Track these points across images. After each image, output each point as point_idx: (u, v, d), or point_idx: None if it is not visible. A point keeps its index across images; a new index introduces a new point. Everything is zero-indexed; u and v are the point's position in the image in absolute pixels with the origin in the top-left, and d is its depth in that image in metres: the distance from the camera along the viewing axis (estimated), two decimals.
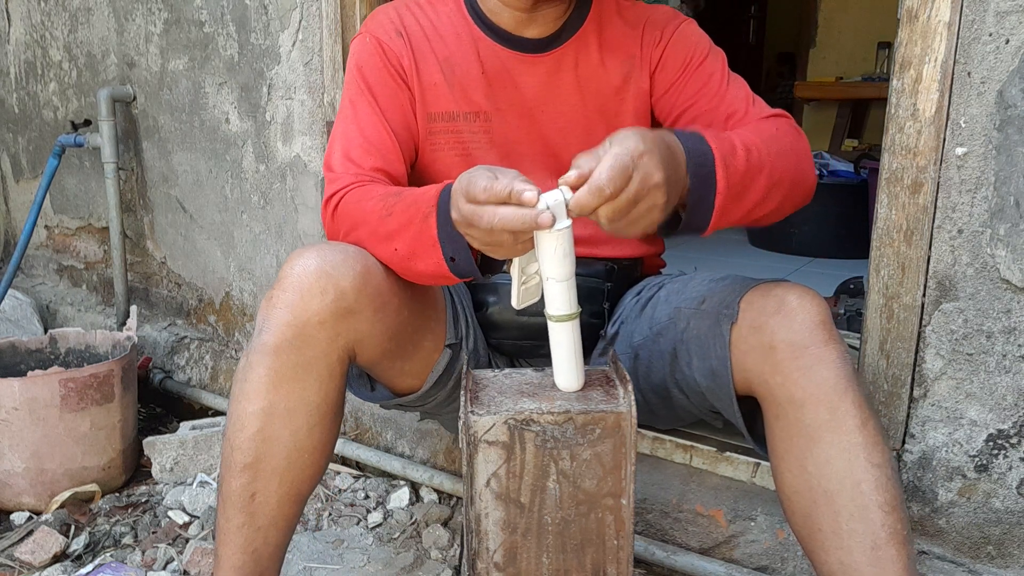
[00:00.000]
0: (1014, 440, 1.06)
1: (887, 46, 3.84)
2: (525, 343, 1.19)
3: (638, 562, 1.27)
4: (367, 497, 1.58)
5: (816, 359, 0.87)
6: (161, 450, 1.66)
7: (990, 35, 0.99)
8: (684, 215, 0.87)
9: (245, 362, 0.93)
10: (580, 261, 1.14)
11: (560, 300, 0.82)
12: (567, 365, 0.87)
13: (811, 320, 0.88)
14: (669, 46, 1.11)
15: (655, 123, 1.17)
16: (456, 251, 0.87)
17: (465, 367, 0.94)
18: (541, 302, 0.85)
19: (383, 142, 1.06)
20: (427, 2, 1.13)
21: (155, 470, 1.66)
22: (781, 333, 0.89)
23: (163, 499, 1.59)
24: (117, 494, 1.63)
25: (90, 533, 1.46)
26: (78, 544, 1.43)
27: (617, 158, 0.74)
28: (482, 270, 0.90)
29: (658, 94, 1.13)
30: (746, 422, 0.99)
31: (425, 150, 1.12)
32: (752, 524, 1.24)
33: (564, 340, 0.85)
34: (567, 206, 0.75)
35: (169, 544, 1.43)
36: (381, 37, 1.09)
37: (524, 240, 0.78)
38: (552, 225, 0.74)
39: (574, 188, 0.75)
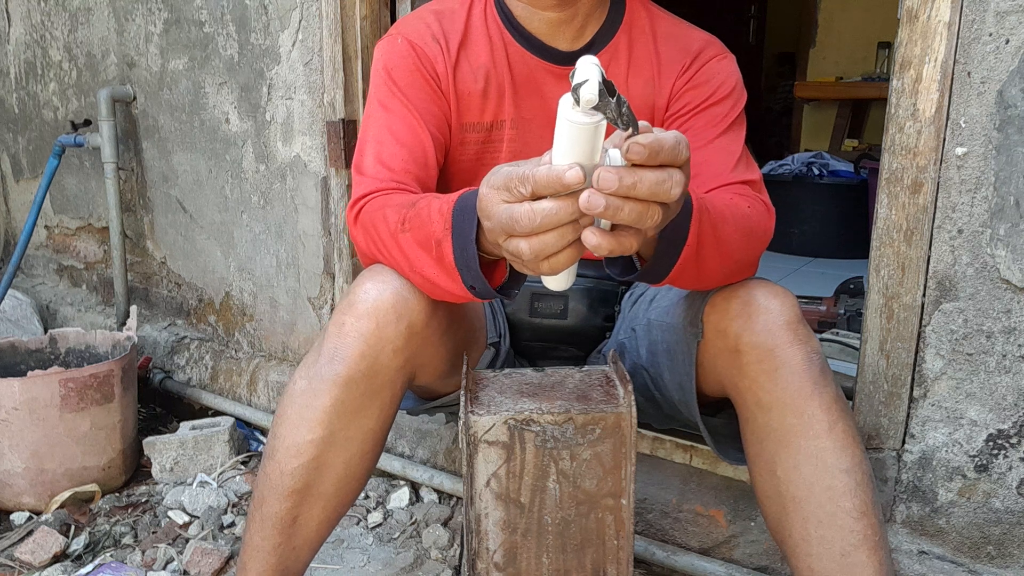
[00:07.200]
0: (1014, 440, 1.06)
1: (887, 46, 3.84)
2: (536, 344, 1.19)
3: (638, 562, 1.27)
4: (367, 497, 1.58)
5: (781, 362, 0.84)
6: (161, 450, 1.66)
7: (990, 35, 0.99)
8: (650, 259, 0.80)
9: (307, 387, 0.89)
10: (593, 262, 1.14)
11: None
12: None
13: (776, 321, 0.85)
14: (697, 83, 1.05)
15: None
16: (474, 280, 0.79)
17: (464, 367, 0.94)
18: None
19: (416, 143, 1.02)
20: (459, 6, 1.09)
21: (155, 470, 1.66)
22: (745, 336, 0.86)
23: (163, 499, 1.59)
24: (117, 494, 1.63)
25: (90, 533, 1.46)
26: (78, 544, 1.43)
27: (678, 140, 0.64)
28: (506, 288, 0.83)
29: (668, 117, 1.08)
30: (733, 429, 0.98)
31: (454, 158, 1.10)
32: (752, 524, 1.24)
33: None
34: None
35: (169, 544, 1.43)
36: (415, 40, 1.05)
37: (573, 242, 0.67)
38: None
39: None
